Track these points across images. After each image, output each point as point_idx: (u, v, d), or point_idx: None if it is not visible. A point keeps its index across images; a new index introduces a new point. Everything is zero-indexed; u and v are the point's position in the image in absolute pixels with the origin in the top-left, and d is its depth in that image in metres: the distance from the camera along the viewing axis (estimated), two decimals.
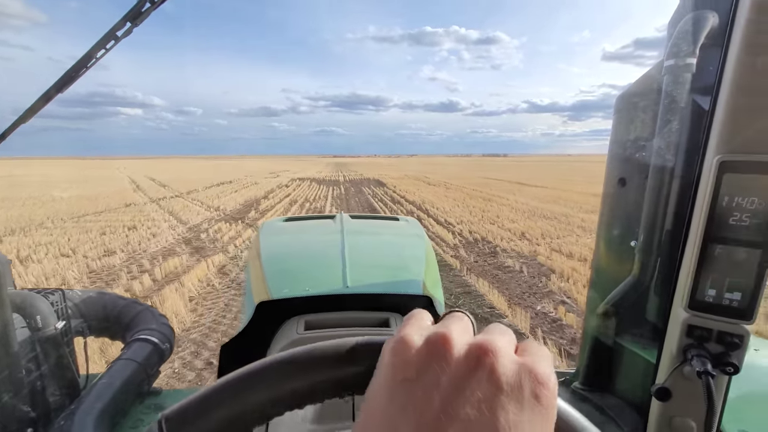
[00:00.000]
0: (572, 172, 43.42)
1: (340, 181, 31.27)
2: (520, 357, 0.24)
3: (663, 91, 0.87)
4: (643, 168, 0.97)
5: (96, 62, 0.98)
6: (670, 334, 0.73)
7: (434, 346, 0.24)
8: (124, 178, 34.45)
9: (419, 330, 0.26)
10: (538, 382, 0.22)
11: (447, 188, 23.39)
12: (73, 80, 0.97)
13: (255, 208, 15.05)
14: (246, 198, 18.80)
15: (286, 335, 0.95)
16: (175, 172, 48.07)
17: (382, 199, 18.33)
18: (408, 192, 21.19)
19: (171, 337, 1.37)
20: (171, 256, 8.07)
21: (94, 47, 0.93)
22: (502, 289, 6.20)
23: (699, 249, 0.65)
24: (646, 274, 1.00)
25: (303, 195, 20.54)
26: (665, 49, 0.86)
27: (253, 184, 27.60)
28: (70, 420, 0.95)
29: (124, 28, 0.93)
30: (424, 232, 1.71)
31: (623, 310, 1.07)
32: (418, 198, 18.22)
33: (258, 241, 1.46)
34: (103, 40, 0.93)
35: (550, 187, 23.95)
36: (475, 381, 0.22)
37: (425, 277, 1.19)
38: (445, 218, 12.45)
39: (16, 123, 0.98)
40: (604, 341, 1.12)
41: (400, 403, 0.22)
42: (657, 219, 0.94)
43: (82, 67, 0.96)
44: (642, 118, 0.99)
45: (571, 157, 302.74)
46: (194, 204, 16.64)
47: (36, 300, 1.05)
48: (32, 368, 1.02)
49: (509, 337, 0.26)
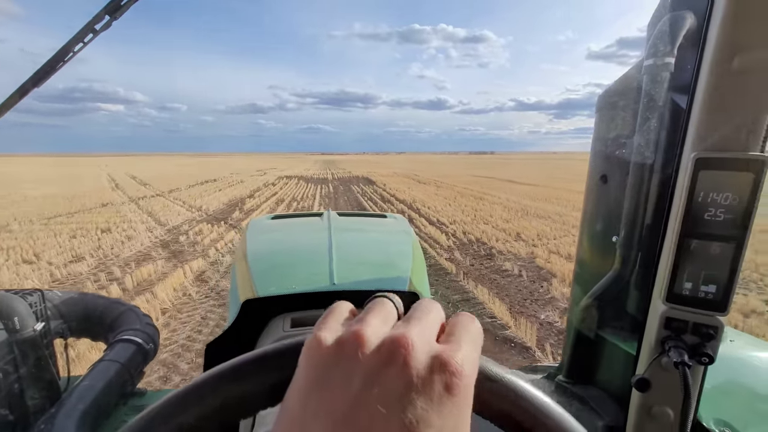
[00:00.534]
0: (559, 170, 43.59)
1: (328, 179, 30.66)
2: (440, 344, 0.24)
3: (642, 90, 0.89)
4: (624, 165, 0.98)
5: (74, 56, 0.96)
6: (650, 327, 0.75)
7: (345, 345, 0.23)
8: (103, 176, 33.21)
9: (335, 327, 0.25)
10: (450, 372, 0.22)
11: (438, 186, 23.04)
12: (50, 74, 0.96)
13: (240, 209, 14.43)
14: (230, 197, 18.13)
15: (272, 333, 0.94)
16: (157, 169, 46.71)
17: (372, 198, 17.87)
18: (398, 190, 20.76)
19: (156, 337, 1.35)
20: (145, 261, 7.49)
21: (72, 40, 0.93)
22: (502, 295, 5.82)
23: (676, 243, 0.66)
24: (627, 269, 1.01)
25: (290, 194, 19.94)
26: (645, 49, 0.88)
27: (238, 183, 26.83)
28: (50, 423, 0.94)
29: (102, 21, 0.92)
30: (412, 229, 1.68)
31: (605, 304, 1.08)
32: (409, 197, 17.81)
33: (245, 239, 1.44)
34: (81, 33, 0.92)
35: (540, 185, 23.81)
36: (385, 378, 0.21)
37: (412, 273, 1.19)
38: (437, 218, 12.05)
39: None
40: (586, 334, 1.14)
41: (312, 410, 0.21)
42: (638, 215, 0.96)
43: (59, 61, 0.95)
44: (622, 116, 1.00)
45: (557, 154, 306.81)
46: (175, 204, 15.93)
47: (13, 301, 1.04)
48: (10, 371, 1.01)
49: (432, 320, 0.26)
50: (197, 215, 12.98)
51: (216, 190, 21.37)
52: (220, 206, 15.15)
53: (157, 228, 10.76)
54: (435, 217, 12.25)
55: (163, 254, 8.07)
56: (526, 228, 10.35)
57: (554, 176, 32.98)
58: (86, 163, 70.53)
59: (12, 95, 0.95)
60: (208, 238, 9.32)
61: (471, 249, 8.50)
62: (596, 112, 1.10)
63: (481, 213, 13.02)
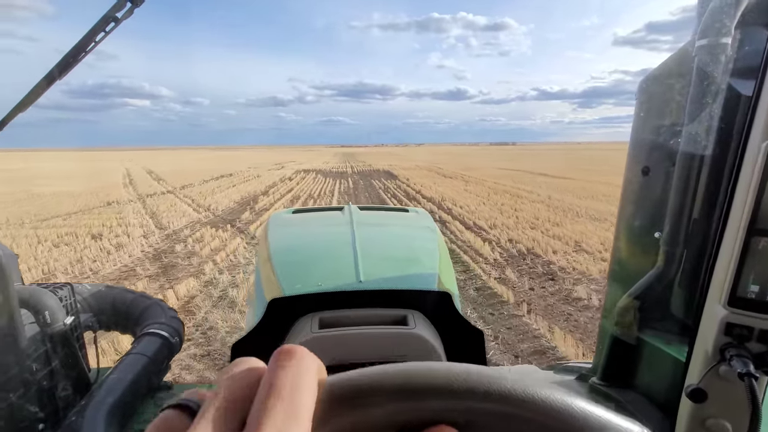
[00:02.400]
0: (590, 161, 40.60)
1: (347, 172, 29.19)
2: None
3: (694, 73, 0.83)
4: (670, 156, 0.93)
5: (96, 45, 0.97)
6: (704, 332, 0.70)
7: None
8: (121, 171, 32.76)
9: None
10: None
11: (465, 181, 21.21)
12: (73, 65, 0.97)
13: (251, 208, 13.11)
14: (243, 194, 16.89)
15: (300, 334, 0.92)
16: (178, 163, 46.36)
17: (395, 195, 16.29)
18: (423, 186, 19.07)
19: (181, 330, 1.41)
20: (127, 280, 6.16)
21: (94, 29, 0.93)
22: (590, 343, 4.17)
23: (742, 241, 0.62)
24: (672, 267, 0.96)
25: (307, 190, 18.57)
26: (695, 28, 0.82)
27: (254, 177, 25.67)
28: (80, 416, 0.96)
29: (124, 9, 0.92)
30: (436, 225, 1.62)
31: (646, 304, 1.03)
32: (436, 193, 16.13)
33: (267, 235, 1.42)
34: (102, 22, 0.92)
35: (577, 179, 21.66)
36: None
37: (440, 270, 1.15)
38: (473, 220, 10.38)
39: (14, 111, 0.99)
40: (624, 336, 1.08)
41: None
42: (684, 209, 0.91)
43: (81, 51, 0.95)
44: (668, 103, 0.94)
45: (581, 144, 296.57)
46: (183, 202, 14.77)
47: (44, 295, 1.05)
48: (42, 364, 1.03)
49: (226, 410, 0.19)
50: (203, 216, 11.71)
51: (230, 186, 20.22)
52: (230, 205, 13.89)
53: (155, 233, 9.49)
54: (470, 219, 10.57)
55: (150, 270, 6.73)
56: (584, 234, 8.57)
57: (587, 168, 30.49)
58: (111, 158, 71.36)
59: (34, 88, 0.97)
60: (208, 247, 7.96)
61: (524, 264, 6.82)
62: (637, 99, 1.04)
63: (523, 214, 11.26)
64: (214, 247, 8.02)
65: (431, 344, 0.93)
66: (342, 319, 0.96)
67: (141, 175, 28.34)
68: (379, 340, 0.92)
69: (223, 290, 5.66)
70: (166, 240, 8.84)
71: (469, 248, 7.80)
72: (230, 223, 10.55)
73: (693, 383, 0.68)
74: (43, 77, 0.94)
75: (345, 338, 0.91)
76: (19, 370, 0.94)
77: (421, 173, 27.78)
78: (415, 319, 0.98)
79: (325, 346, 0.90)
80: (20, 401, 0.94)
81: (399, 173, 27.64)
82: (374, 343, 0.91)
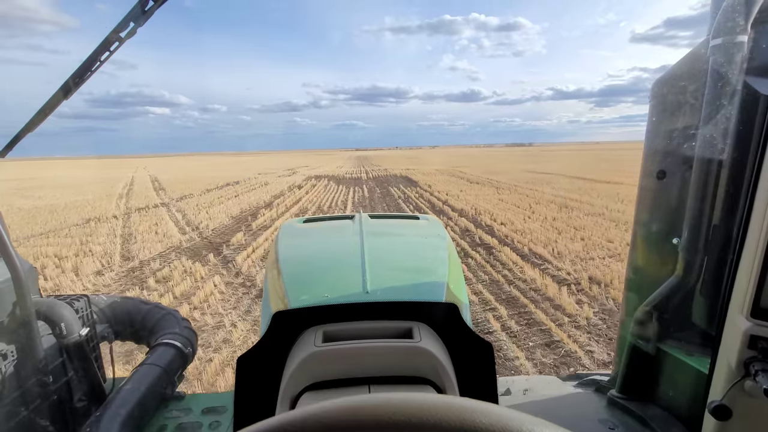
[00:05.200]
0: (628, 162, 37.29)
1: (362, 178, 26.90)
2: None
3: (709, 74, 0.80)
4: (686, 159, 0.91)
5: (100, 65, 1.02)
6: (727, 344, 0.67)
7: None
8: (126, 180, 31.27)
9: None
10: None
11: (497, 188, 18.64)
12: (79, 85, 1.02)
13: (247, 226, 10.94)
14: (244, 206, 14.78)
15: (304, 347, 0.89)
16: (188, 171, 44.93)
17: (418, 206, 13.91)
18: (449, 194, 16.62)
19: (194, 341, 1.44)
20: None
21: (98, 50, 0.97)
22: None
23: (764, 249, 0.58)
24: (692, 275, 0.93)
25: (317, 200, 16.36)
26: (710, 27, 0.79)
27: (261, 186, 23.64)
28: (96, 427, 0.97)
29: (127, 29, 0.96)
30: (446, 232, 1.56)
31: (666, 314, 0.99)
32: (466, 204, 13.68)
33: (276, 245, 1.39)
34: (107, 42, 0.96)
35: (626, 183, 18.85)
36: None
37: (449, 280, 1.12)
38: (527, 245, 7.91)
39: (30, 125, 1.04)
40: (644, 346, 1.04)
41: None
42: (703, 215, 0.87)
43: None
44: (683, 104, 0.92)
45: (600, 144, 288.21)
46: (172, 219, 12.71)
47: (60, 307, 1.09)
48: (58, 376, 1.07)
49: None
50: (186, 239, 9.56)
51: (232, 196, 18.18)
52: (225, 221, 11.75)
53: (113, 268, 7.34)
54: (522, 243, 8.10)
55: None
56: None
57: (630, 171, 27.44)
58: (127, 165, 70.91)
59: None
60: (169, 295, 5.73)
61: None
62: (651, 101, 1.01)
63: (587, 233, 8.73)
64: (180, 294, 5.79)
65: (437, 358, 0.85)
66: (346, 332, 0.93)
67: (144, 184, 26.67)
68: (382, 354, 0.86)
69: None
70: (121, 280, 6.66)
71: (542, 298, 5.35)
72: (216, 250, 8.35)
73: (716, 399, 0.65)
74: (50, 97, 1.02)
75: (348, 352, 0.86)
76: (36, 382, 0.98)
77: (443, 178, 25.31)
78: (421, 332, 0.92)
79: (327, 361, 0.85)
80: (37, 412, 0.97)
81: (419, 179, 25.21)
82: (378, 357, 0.86)
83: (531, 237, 8.58)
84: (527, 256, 7.25)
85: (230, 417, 1.26)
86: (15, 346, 0.95)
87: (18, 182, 33.14)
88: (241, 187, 22.73)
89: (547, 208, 12.43)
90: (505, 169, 32.69)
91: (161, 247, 8.74)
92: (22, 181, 34.92)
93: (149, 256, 8.05)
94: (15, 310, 0.95)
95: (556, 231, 9.22)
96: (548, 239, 8.38)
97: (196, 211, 13.86)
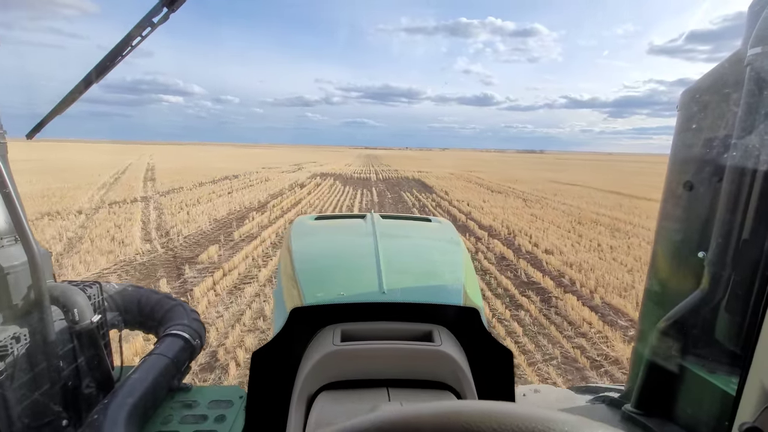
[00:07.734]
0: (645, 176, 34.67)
1: (371, 179, 24.75)
2: None
3: (746, 83, 0.78)
4: (717, 170, 0.89)
5: (132, 50, 0.99)
6: (759, 364, 0.64)
7: None
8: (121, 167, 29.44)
9: None
10: None
11: (523, 200, 16.39)
12: (110, 68, 1.00)
13: (228, 236, 8.88)
14: (233, 206, 12.73)
15: (322, 345, 0.89)
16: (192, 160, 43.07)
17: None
18: (472, 205, 14.42)
19: (202, 333, 1.42)
20: None
21: (130, 34, 0.95)
22: None
23: None
24: (719, 290, 0.90)
25: (318, 204, 14.27)
26: (746, 37, 0.79)
27: (262, 182, 21.59)
28: (103, 414, 0.96)
29: (160, 14, 0.95)
30: (460, 237, 1.51)
31: (688, 329, 0.96)
32: (494, 219, 11.49)
33: (289, 242, 1.36)
34: (139, 27, 0.94)
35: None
36: None
37: (465, 285, 1.10)
38: (596, 290, 5.72)
39: (53, 112, 1.06)
40: (663, 361, 1.02)
41: None
42: (733, 228, 0.84)
43: (117, 55, 0.98)
44: (716, 114, 0.90)
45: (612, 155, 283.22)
46: (144, 218, 10.70)
47: (74, 293, 1.07)
48: (68, 361, 1.07)
49: None
50: (147, 249, 7.51)
51: (225, 193, 16.16)
52: (203, 226, 9.70)
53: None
54: (585, 284, 5.91)
55: None
56: None
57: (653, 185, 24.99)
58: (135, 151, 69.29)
59: (73, 90, 1.03)
60: None
61: None
62: (679, 111, 1.01)
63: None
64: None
65: (458, 363, 0.85)
66: (365, 332, 0.92)
67: (136, 174, 24.75)
68: (403, 357, 0.86)
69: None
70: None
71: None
72: (177, 270, 6.28)
73: (747, 421, 0.62)
74: (81, 80, 1.00)
75: (369, 352, 0.85)
76: (46, 366, 0.98)
77: (459, 184, 23.09)
78: (441, 336, 0.91)
79: (346, 360, 0.85)
80: (46, 397, 0.98)
81: (433, 183, 23.01)
82: (398, 359, 0.86)
83: (595, 277, 6.39)
84: (606, 314, 5.07)
85: (236, 411, 1.21)
86: (28, 330, 0.95)
87: (21, 163, 31.51)
88: (238, 182, 20.71)
89: (595, 231, 10.21)
90: (524, 177, 30.32)
91: (105, 263, 6.69)
92: (27, 162, 33.27)
93: (81, 275, 5.99)
94: (29, 293, 0.97)
95: (625, 268, 7.01)
96: (622, 282, 6.19)
97: (175, 210, 11.83)
